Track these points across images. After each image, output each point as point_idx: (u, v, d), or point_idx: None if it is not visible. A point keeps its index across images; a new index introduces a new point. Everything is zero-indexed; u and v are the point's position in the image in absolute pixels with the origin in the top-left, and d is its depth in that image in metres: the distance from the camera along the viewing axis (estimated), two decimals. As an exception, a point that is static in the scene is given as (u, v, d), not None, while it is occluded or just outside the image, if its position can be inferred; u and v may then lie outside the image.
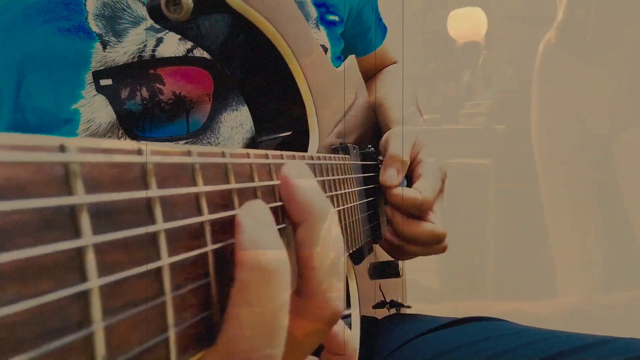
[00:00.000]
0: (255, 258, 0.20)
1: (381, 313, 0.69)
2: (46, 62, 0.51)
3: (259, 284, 0.20)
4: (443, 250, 0.60)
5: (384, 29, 0.85)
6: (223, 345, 0.20)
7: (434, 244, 0.59)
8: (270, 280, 0.20)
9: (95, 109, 0.52)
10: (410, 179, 0.60)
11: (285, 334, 0.21)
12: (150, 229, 0.16)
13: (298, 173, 0.26)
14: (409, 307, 0.71)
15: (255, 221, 0.21)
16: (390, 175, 0.57)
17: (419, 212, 0.57)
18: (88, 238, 0.14)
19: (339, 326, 0.33)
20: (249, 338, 0.20)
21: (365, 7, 0.77)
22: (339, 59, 0.71)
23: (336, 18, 0.68)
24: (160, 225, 0.17)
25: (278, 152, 0.30)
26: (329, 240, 0.26)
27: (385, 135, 0.62)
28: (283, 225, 0.28)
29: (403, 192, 0.56)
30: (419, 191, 0.56)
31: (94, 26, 0.51)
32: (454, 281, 1.96)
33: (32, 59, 0.51)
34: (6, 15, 0.51)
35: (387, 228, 0.60)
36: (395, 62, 0.90)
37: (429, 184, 0.57)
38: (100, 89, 0.52)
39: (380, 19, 0.84)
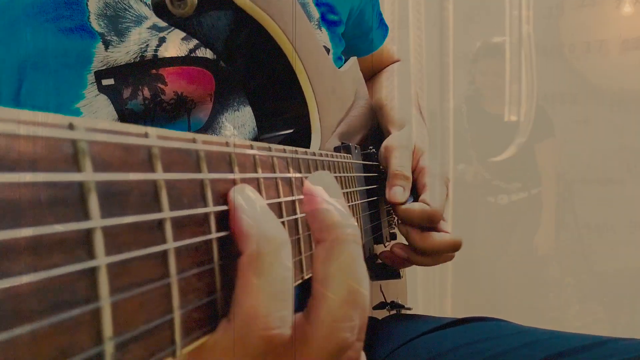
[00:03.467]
0: (261, 230, 0.20)
1: (381, 314, 0.69)
2: (47, 62, 0.51)
3: (268, 252, 0.20)
4: (451, 258, 0.61)
5: (385, 29, 0.86)
6: (240, 317, 0.20)
7: (449, 253, 0.59)
8: (279, 248, 0.21)
9: (97, 108, 0.52)
10: (415, 187, 0.60)
11: (292, 303, 0.21)
12: (157, 215, 0.17)
13: (324, 188, 0.25)
14: (409, 308, 0.71)
15: (249, 200, 0.22)
16: (397, 193, 0.57)
17: (430, 224, 0.57)
18: (97, 216, 0.14)
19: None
20: (266, 305, 0.20)
21: (366, 7, 0.77)
22: (340, 59, 0.72)
23: (337, 18, 0.68)
24: (167, 213, 0.17)
25: (281, 146, 0.30)
26: (351, 266, 0.24)
27: (384, 147, 0.62)
28: (283, 220, 0.28)
29: (413, 208, 0.56)
30: (427, 204, 0.56)
31: (96, 25, 0.51)
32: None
33: (34, 58, 0.51)
34: (8, 15, 0.51)
35: (396, 243, 0.60)
36: (398, 60, 0.90)
37: (435, 194, 0.57)
38: (102, 89, 0.52)
39: (382, 19, 0.84)
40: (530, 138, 2.00)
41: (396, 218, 0.59)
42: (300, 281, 0.30)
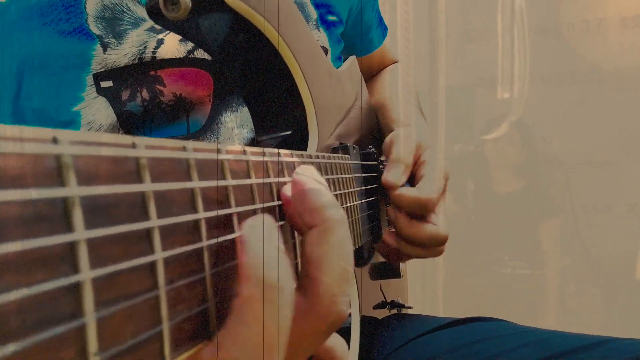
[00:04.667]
0: (259, 274, 0.20)
1: (381, 313, 0.69)
2: (46, 64, 0.51)
3: (264, 301, 0.20)
4: (440, 253, 0.61)
5: (384, 29, 0.85)
6: (221, 354, 0.20)
7: (434, 246, 0.59)
8: (275, 297, 0.20)
9: (95, 110, 0.52)
10: (412, 180, 0.60)
11: (285, 351, 0.21)
12: (145, 224, 0.16)
13: (312, 177, 0.27)
14: (410, 307, 0.71)
15: (260, 239, 0.21)
16: (394, 175, 0.57)
17: (421, 212, 0.57)
18: (81, 231, 0.14)
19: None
20: (249, 353, 0.20)
21: (365, 7, 0.77)
22: (339, 59, 0.71)
23: (335, 18, 0.68)
24: (155, 221, 0.17)
25: (275, 150, 0.30)
26: (341, 245, 0.26)
27: (389, 137, 0.62)
28: (282, 223, 0.28)
29: (405, 192, 0.56)
30: (422, 190, 0.56)
31: (94, 28, 0.51)
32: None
33: (32, 61, 0.51)
34: (6, 18, 0.51)
35: (387, 230, 0.60)
36: (396, 61, 0.90)
37: (431, 184, 0.57)
38: (100, 91, 0.52)
39: (381, 19, 0.84)
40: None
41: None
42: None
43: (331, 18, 0.67)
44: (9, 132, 0.13)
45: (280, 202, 0.28)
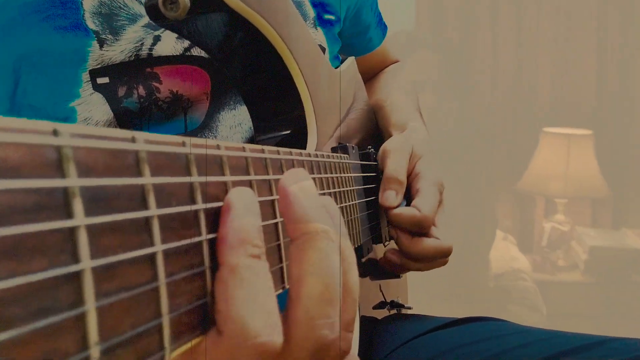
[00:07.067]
0: (246, 247, 0.21)
1: (381, 313, 0.69)
2: (43, 61, 0.51)
3: (249, 266, 0.20)
4: (445, 263, 0.61)
5: (384, 28, 0.85)
6: (229, 328, 0.20)
7: (438, 259, 0.59)
8: (258, 268, 0.21)
9: (92, 107, 0.52)
10: (409, 191, 0.60)
11: (277, 310, 0.22)
12: (144, 213, 0.17)
13: (296, 182, 0.25)
14: (409, 308, 0.71)
15: (245, 206, 0.22)
16: (389, 197, 0.57)
17: (420, 229, 0.57)
18: (81, 219, 0.14)
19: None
20: (253, 314, 0.20)
21: (363, 6, 0.77)
22: (336, 58, 0.72)
23: (333, 17, 0.68)
24: (154, 210, 0.17)
25: (275, 148, 0.30)
26: (323, 263, 0.24)
27: (382, 150, 0.62)
28: (277, 220, 0.28)
29: (403, 212, 0.56)
30: (418, 209, 0.56)
31: (91, 24, 0.51)
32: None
33: (29, 57, 0.51)
34: (2, 14, 0.51)
35: (389, 249, 0.61)
36: (397, 61, 0.90)
37: (427, 200, 0.57)
38: (97, 88, 0.52)
39: (381, 18, 0.84)
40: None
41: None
42: (281, 291, 0.28)
43: (328, 17, 0.67)
44: (11, 124, 0.13)
45: (271, 198, 0.28)
